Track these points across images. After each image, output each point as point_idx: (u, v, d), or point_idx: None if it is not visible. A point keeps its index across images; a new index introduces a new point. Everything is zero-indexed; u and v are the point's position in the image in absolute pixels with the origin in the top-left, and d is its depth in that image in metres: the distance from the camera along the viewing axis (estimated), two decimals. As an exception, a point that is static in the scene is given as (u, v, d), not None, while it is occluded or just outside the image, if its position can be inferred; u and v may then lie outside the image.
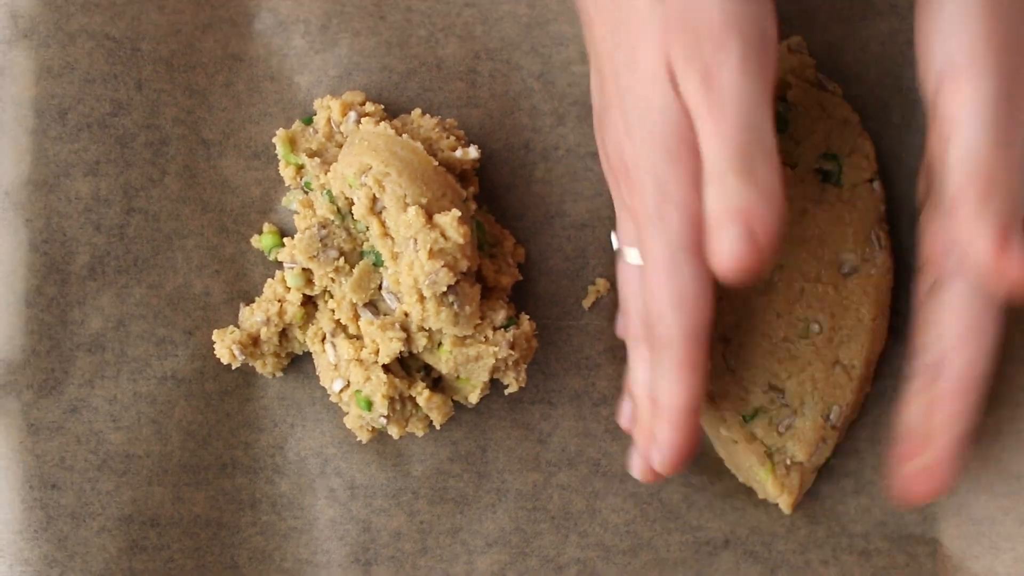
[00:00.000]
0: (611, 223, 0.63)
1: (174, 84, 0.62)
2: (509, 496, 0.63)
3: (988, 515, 0.62)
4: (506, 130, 0.63)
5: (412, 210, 0.58)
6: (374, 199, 0.59)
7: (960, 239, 0.51)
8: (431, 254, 0.58)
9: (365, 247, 0.60)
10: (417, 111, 0.63)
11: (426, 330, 0.59)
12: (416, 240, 0.58)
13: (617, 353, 0.63)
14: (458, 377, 0.60)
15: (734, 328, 0.61)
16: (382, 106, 0.62)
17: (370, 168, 0.58)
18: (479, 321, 0.60)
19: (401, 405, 0.60)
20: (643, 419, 0.57)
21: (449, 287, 0.58)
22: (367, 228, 0.59)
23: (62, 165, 0.61)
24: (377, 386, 0.59)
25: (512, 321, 0.60)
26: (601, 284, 0.63)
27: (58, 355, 0.61)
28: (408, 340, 0.59)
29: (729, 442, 0.61)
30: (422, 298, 0.58)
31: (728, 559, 0.63)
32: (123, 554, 0.61)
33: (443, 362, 0.60)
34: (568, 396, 0.63)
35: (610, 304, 0.63)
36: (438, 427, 0.61)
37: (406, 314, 0.59)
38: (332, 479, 0.62)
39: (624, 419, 0.61)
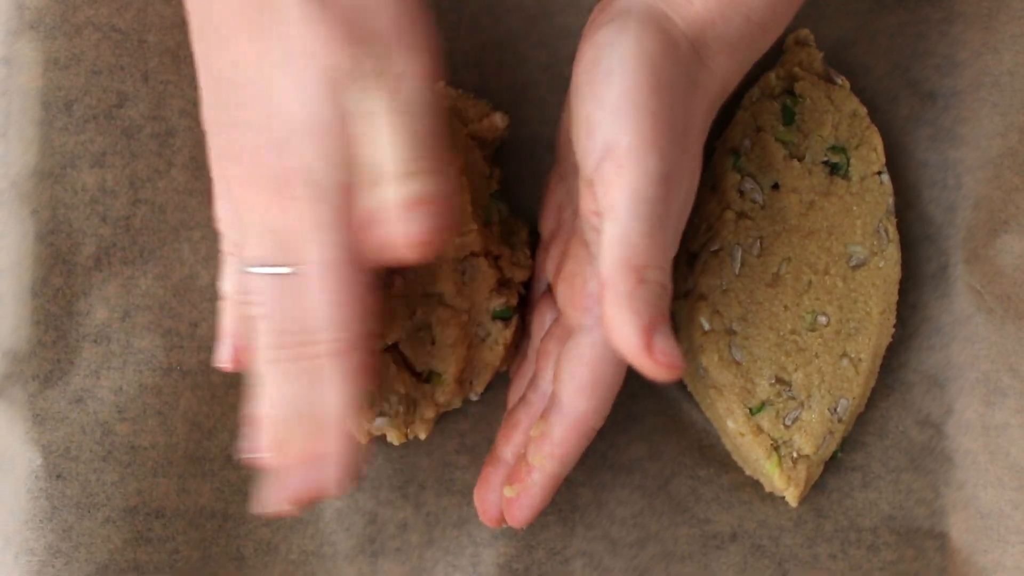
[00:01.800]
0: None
1: (180, 76, 0.62)
2: (515, 488, 0.63)
3: (997, 509, 0.62)
4: (514, 123, 0.63)
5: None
6: None
7: (607, 327, 0.51)
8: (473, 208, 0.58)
9: None
10: (440, 82, 0.63)
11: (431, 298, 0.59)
12: None
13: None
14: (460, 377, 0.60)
15: (740, 320, 0.61)
16: None
17: None
18: (485, 304, 0.60)
19: (406, 406, 0.60)
20: (294, 441, 0.51)
21: (465, 258, 0.59)
22: None
23: (68, 156, 0.61)
24: (386, 376, 0.59)
25: (507, 312, 0.60)
26: (608, 276, 0.63)
27: (64, 346, 0.61)
28: (412, 317, 0.59)
29: (736, 435, 0.61)
30: (432, 265, 0.58)
31: (735, 553, 0.63)
32: (128, 545, 0.61)
33: (446, 343, 0.59)
34: (574, 389, 0.63)
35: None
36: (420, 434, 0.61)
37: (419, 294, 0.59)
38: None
39: (256, 445, 0.53)
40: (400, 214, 0.50)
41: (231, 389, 0.62)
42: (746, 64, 0.56)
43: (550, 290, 0.60)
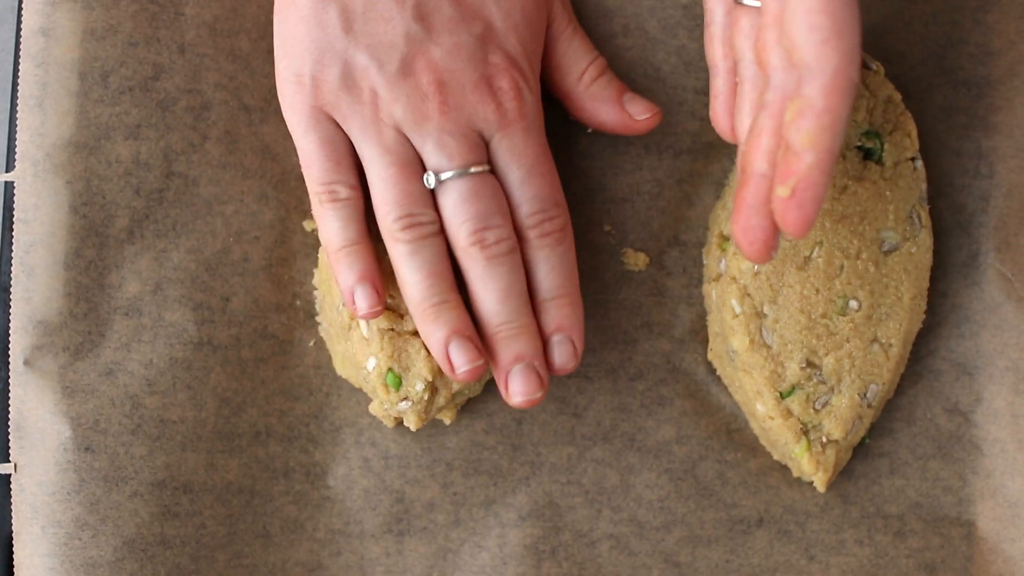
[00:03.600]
0: (648, 198, 0.63)
1: (217, 49, 0.62)
2: (543, 469, 0.62)
3: (1024, 497, 0.62)
4: (546, 103, 0.63)
5: None
6: None
7: None
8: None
9: None
10: None
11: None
12: None
13: (654, 328, 0.63)
14: None
15: (771, 303, 0.61)
16: None
17: None
18: None
19: (430, 393, 0.60)
20: (518, 324, 0.58)
21: None
22: None
23: (103, 128, 0.61)
24: (415, 360, 0.59)
25: None
26: (640, 258, 0.63)
27: (95, 318, 0.60)
28: None
29: (765, 419, 0.61)
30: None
31: (762, 538, 0.63)
32: (155, 519, 0.60)
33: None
34: (604, 370, 0.63)
35: (647, 279, 0.63)
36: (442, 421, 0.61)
37: None
38: (367, 449, 0.62)
39: (373, 301, 0.58)
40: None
41: (261, 364, 0.62)
42: None
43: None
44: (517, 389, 0.57)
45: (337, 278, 0.58)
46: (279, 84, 0.59)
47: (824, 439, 0.61)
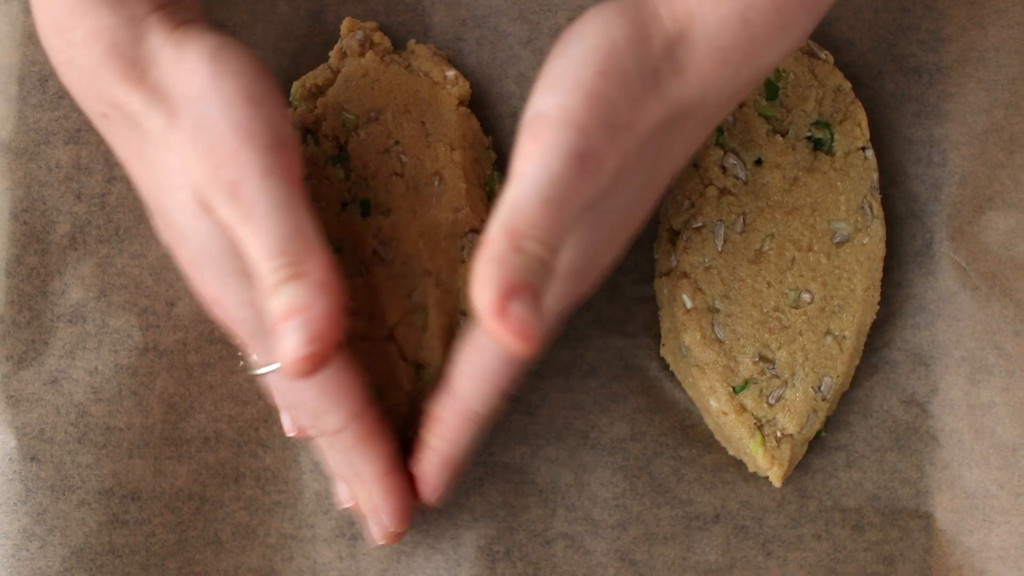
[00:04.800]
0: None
1: (157, 51, 0.61)
2: (496, 469, 0.62)
3: (982, 488, 0.61)
4: (493, 98, 0.62)
5: (441, 146, 0.59)
6: (387, 136, 0.58)
7: (472, 287, 0.47)
8: (467, 183, 0.58)
9: (345, 196, 0.59)
10: (412, 41, 0.62)
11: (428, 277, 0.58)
12: (441, 175, 0.58)
13: (606, 325, 0.62)
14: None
15: (723, 298, 0.60)
16: (388, 39, 0.62)
17: (387, 105, 0.59)
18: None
19: (409, 405, 0.59)
20: (359, 495, 0.58)
21: (466, 234, 0.58)
22: (361, 170, 0.59)
23: (43, 133, 0.60)
24: (395, 371, 0.58)
25: None
26: (590, 254, 0.62)
27: (38, 326, 0.60)
28: (410, 297, 0.58)
29: (719, 414, 0.60)
30: (430, 241, 0.58)
31: (719, 534, 0.62)
32: (103, 528, 0.60)
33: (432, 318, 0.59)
34: (556, 368, 0.62)
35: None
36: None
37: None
38: (318, 452, 0.62)
39: (344, 499, 0.60)
40: (279, 330, 0.49)
41: (208, 369, 0.61)
42: (740, 79, 0.52)
43: None
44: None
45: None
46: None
47: (779, 433, 0.60)
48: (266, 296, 0.49)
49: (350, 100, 0.59)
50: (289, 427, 0.59)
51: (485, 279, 0.47)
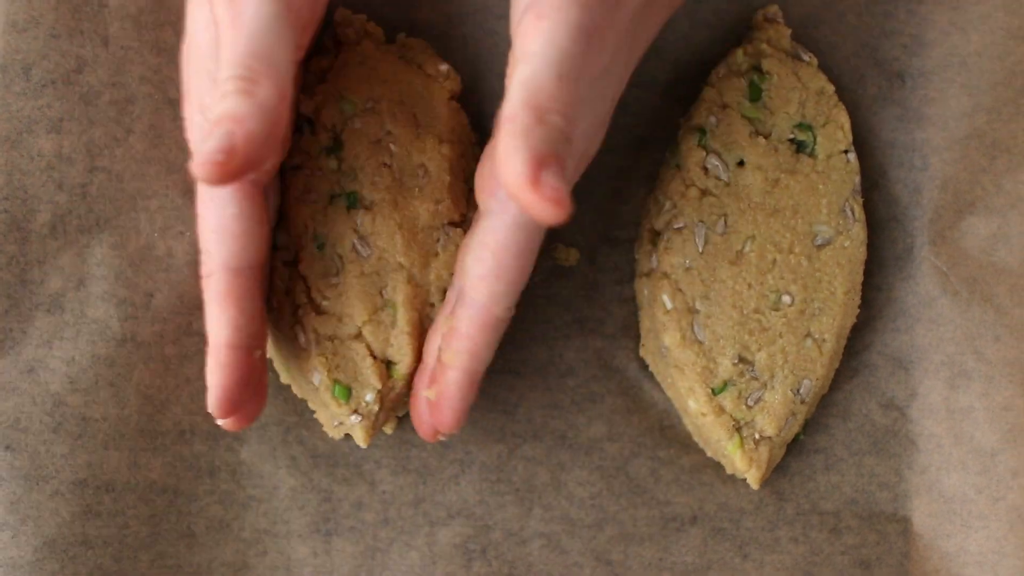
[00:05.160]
0: (581, 193, 0.62)
1: (141, 41, 0.61)
2: (473, 467, 0.62)
3: (960, 493, 0.61)
4: (480, 95, 0.62)
5: (430, 138, 0.59)
6: (380, 126, 0.58)
7: (499, 163, 0.48)
8: (452, 176, 0.59)
9: (335, 189, 0.59)
10: (402, 35, 0.62)
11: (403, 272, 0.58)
12: (426, 167, 0.58)
13: (585, 325, 0.62)
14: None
15: (703, 299, 0.60)
16: (381, 29, 0.62)
17: (384, 95, 0.59)
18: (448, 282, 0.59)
19: (381, 404, 0.59)
20: (207, 364, 0.56)
21: (443, 226, 0.58)
22: (352, 161, 0.59)
23: (25, 121, 0.60)
24: (361, 369, 0.58)
25: None
26: (571, 254, 0.62)
27: (16, 314, 0.60)
28: (381, 294, 0.58)
29: (697, 415, 0.60)
30: (410, 235, 0.58)
31: (696, 535, 0.62)
32: (76, 519, 0.59)
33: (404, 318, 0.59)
34: (535, 367, 0.62)
35: (578, 275, 0.62)
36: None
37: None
38: (294, 447, 0.61)
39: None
40: (208, 131, 0.50)
41: (186, 361, 0.61)
42: None
43: None
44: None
45: None
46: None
47: (757, 436, 0.60)
48: (216, 100, 0.50)
49: (348, 87, 0.59)
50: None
51: (514, 152, 0.48)
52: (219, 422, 0.56)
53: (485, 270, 0.55)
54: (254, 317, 0.55)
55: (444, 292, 0.59)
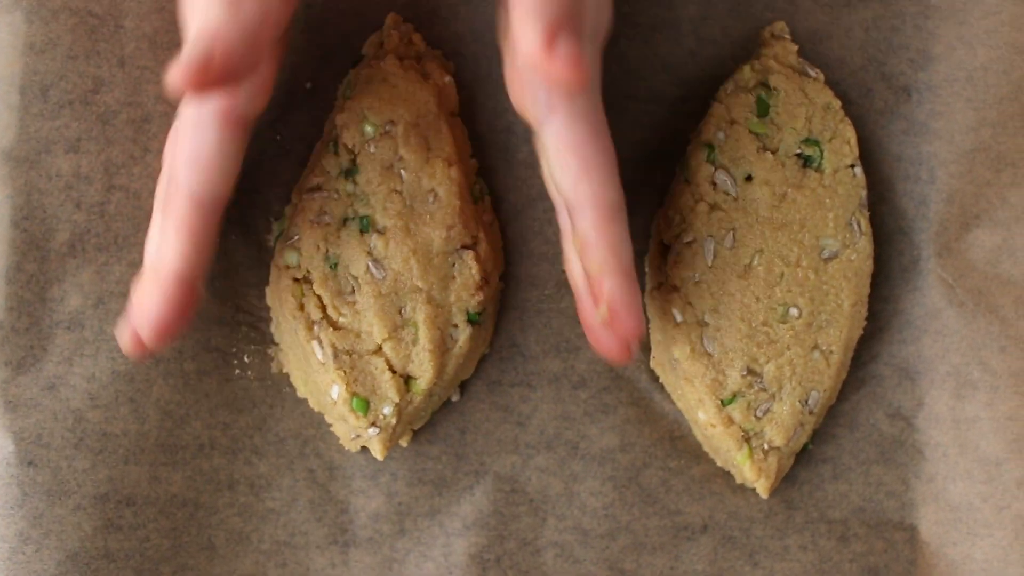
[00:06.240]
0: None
1: (157, 61, 0.62)
2: (487, 478, 0.63)
3: (966, 502, 0.62)
4: (488, 112, 0.63)
5: (439, 162, 0.59)
6: (394, 151, 0.59)
7: (514, 38, 0.49)
8: (462, 199, 0.59)
9: (348, 212, 0.60)
10: (428, 48, 0.63)
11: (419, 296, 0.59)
12: (436, 193, 0.58)
13: (597, 337, 0.63)
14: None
15: (712, 312, 0.61)
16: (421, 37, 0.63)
17: (402, 116, 0.60)
18: (463, 304, 0.60)
19: (398, 417, 0.60)
20: (143, 285, 0.56)
21: (456, 250, 0.59)
22: (364, 186, 0.59)
23: (43, 142, 0.61)
24: (380, 382, 0.59)
25: (478, 317, 0.60)
26: (582, 267, 0.63)
27: (37, 332, 0.60)
28: (400, 313, 0.59)
29: (707, 426, 0.61)
30: (425, 260, 0.58)
31: (706, 544, 0.63)
32: (98, 533, 0.60)
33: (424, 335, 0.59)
34: (547, 379, 0.63)
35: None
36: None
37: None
38: (311, 460, 0.62)
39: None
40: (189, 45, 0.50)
41: (204, 377, 0.62)
42: None
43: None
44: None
45: None
46: None
47: (766, 446, 0.61)
48: (199, 9, 0.51)
49: (371, 107, 0.60)
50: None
51: (527, 21, 0.48)
52: (131, 346, 0.55)
53: (576, 172, 0.53)
54: (205, 251, 0.55)
55: (466, 312, 0.60)
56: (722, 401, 0.61)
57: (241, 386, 0.62)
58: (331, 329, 0.59)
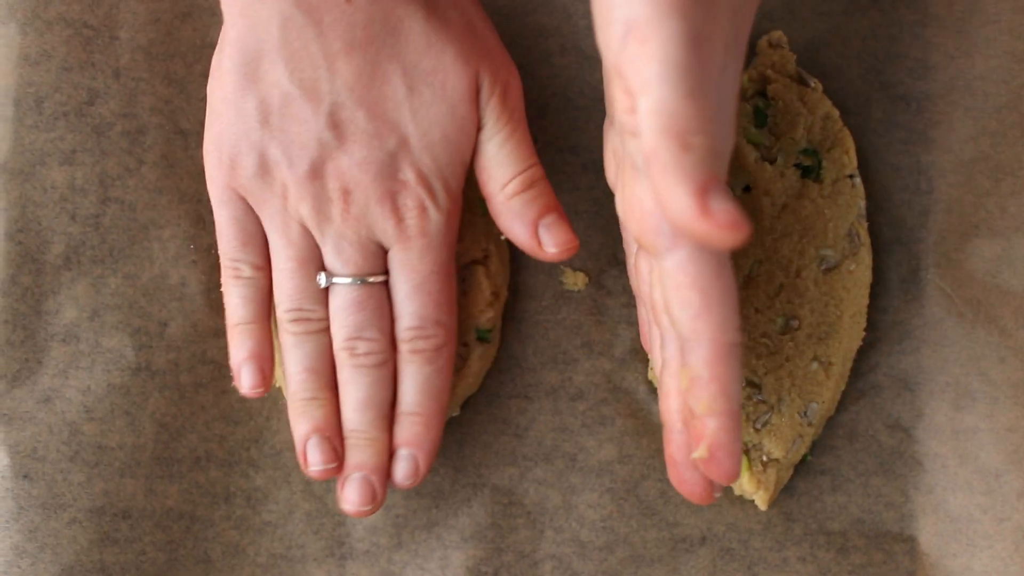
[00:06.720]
0: (587, 216, 0.63)
1: (152, 73, 0.62)
2: (485, 491, 0.62)
3: (966, 513, 0.62)
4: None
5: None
6: None
7: (660, 201, 0.46)
8: (471, 212, 0.59)
9: None
10: None
11: None
12: None
13: (594, 348, 0.63)
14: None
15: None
16: None
17: None
18: (473, 321, 0.60)
19: None
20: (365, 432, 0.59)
21: (466, 267, 0.59)
22: None
23: (38, 154, 0.60)
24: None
25: (487, 334, 0.60)
26: (579, 278, 0.63)
27: (32, 345, 0.60)
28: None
29: (706, 438, 0.61)
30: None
31: (705, 556, 0.62)
32: (94, 546, 0.60)
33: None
34: (545, 391, 0.63)
35: (587, 299, 0.63)
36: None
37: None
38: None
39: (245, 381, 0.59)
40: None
41: (200, 389, 0.62)
42: None
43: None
44: (348, 497, 0.58)
45: (230, 352, 0.58)
46: (204, 150, 0.58)
47: (765, 458, 0.61)
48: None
49: None
50: (257, 380, 0.59)
51: (672, 186, 0.46)
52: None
53: (697, 308, 0.50)
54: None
55: (475, 331, 0.60)
56: (720, 413, 0.60)
57: (237, 399, 0.62)
58: None
